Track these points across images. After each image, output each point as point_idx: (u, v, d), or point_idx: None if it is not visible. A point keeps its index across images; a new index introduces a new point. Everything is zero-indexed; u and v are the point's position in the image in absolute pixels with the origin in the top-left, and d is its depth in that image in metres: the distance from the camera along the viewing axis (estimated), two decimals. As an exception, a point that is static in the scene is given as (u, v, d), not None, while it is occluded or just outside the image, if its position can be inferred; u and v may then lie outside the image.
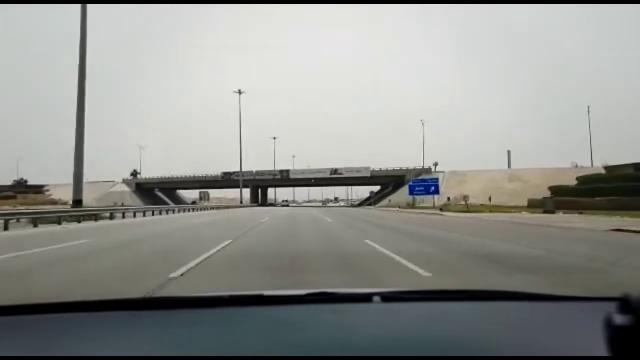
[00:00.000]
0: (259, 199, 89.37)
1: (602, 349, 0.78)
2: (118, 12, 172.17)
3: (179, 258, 7.13)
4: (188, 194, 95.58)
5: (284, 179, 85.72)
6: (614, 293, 1.00)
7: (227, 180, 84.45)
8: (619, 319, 0.74)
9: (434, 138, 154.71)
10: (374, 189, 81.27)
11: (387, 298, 1.43)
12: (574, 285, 5.22)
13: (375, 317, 1.33)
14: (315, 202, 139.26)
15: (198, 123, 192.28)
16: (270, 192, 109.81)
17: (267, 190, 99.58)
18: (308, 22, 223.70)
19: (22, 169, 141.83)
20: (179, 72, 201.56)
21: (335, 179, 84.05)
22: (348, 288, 1.73)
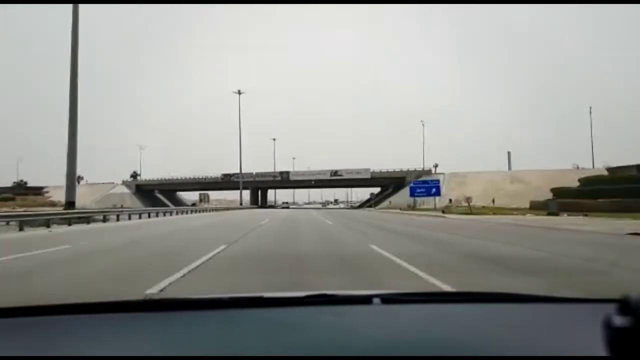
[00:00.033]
0: (259, 201, 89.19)
1: (601, 351, 0.78)
2: (118, 12, 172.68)
3: (163, 268, 6.61)
4: (188, 196, 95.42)
5: (284, 181, 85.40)
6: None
7: (227, 182, 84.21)
8: (619, 321, 0.75)
9: (434, 138, 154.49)
10: (374, 191, 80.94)
11: (387, 300, 1.43)
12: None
13: (375, 319, 1.33)
14: (315, 204, 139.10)
15: (198, 123, 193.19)
16: (270, 193, 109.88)
17: (267, 192, 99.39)
18: (308, 22, 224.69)
19: (22, 170, 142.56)
20: (179, 72, 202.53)
21: (336, 181, 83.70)
22: (348, 290, 1.72)
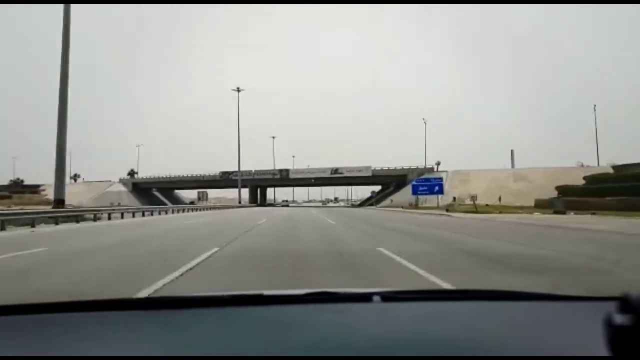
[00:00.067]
0: (258, 199, 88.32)
1: (602, 349, 0.78)
2: (118, 12, 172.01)
3: (139, 279, 5.67)
4: (186, 194, 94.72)
5: (284, 179, 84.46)
6: None
7: (225, 180, 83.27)
8: (619, 319, 0.74)
9: (434, 138, 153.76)
10: (375, 189, 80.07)
11: (387, 298, 1.41)
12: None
13: (375, 316, 1.32)
14: (315, 202, 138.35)
15: (198, 123, 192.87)
16: (270, 192, 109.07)
17: (266, 190, 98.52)
18: (308, 22, 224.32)
19: (20, 169, 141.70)
20: (179, 72, 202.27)
21: (336, 179, 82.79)
22: (348, 288, 1.68)
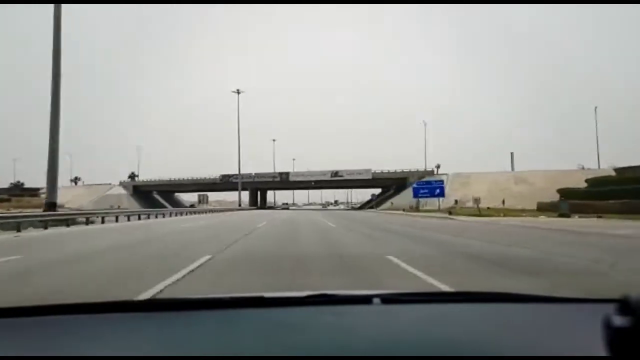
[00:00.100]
0: (258, 202, 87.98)
1: (601, 351, 0.78)
2: (118, 12, 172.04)
3: (112, 296, 4.93)
4: (187, 197, 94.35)
5: (284, 182, 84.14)
6: None
7: (225, 183, 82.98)
8: (618, 321, 0.74)
9: (434, 138, 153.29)
10: (375, 192, 79.70)
11: (387, 300, 1.42)
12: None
13: (375, 319, 1.32)
14: (315, 205, 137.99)
15: (198, 123, 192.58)
16: (270, 195, 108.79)
17: (266, 193, 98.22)
18: (308, 22, 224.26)
19: (21, 171, 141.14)
20: (179, 72, 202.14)
21: (336, 182, 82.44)
22: (348, 290, 1.68)
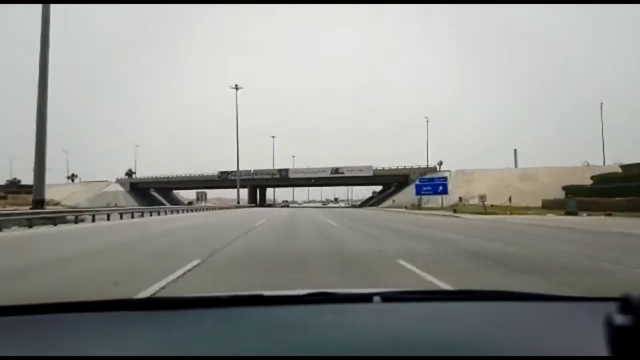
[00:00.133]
0: (257, 200, 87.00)
1: (602, 350, 0.78)
2: (118, 12, 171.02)
3: None
4: (185, 195, 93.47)
5: (283, 179, 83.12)
6: None
7: (224, 180, 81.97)
8: (620, 319, 0.74)
9: (434, 138, 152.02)
10: (376, 189, 78.69)
11: (387, 298, 1.41)
12: None
13: (376, 317, 1.32)
14: (315, 202, 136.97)
15: (198, 123, 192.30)
16: (269, 192, 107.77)
17: (265, 191, 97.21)
18: (308, 22, 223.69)
19: (18, 169, 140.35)
20: (179, 72, 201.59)
21: (337, 179, 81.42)
22: (348, 288, 1.66)
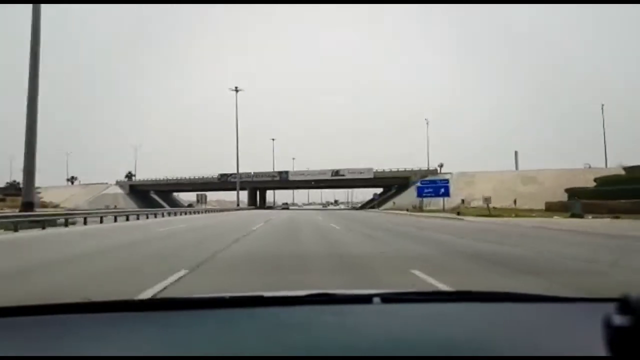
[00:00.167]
0: (257, 202, 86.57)
1: (601, 350, 0.78)
2: (118, 12, 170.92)
3: None
4: (185, 197, 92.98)
5: (283, 181, 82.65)
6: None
7: (224, 182, 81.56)
8: (619, 320, 0.74)
9: (434, 138, 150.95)
10: (377, 191, 78.12)
11: (387, 299, 1.41)
12: None
13: (376, 318, 1.32)
14: (315, 204, 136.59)
15: (198, 124, 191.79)
16: (269, 195, 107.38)
17: (265, 193, 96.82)
18: (308, 22, 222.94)
19: (18, 170, 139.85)
20: (179, 72, 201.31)
21: (337, 181, 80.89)
22: (348, 289, 1.66)
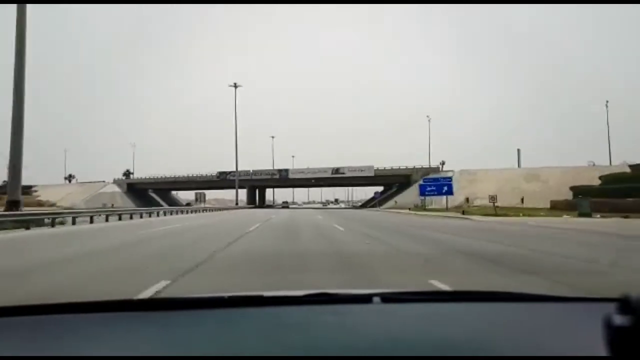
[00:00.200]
0: (257, 201, 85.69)
1: (601, 350, 0.78)
2: (118, 12, 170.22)
3: None
4: (184, 195, 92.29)
5: (283, 179, 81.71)
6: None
7: (223, 181, 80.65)
8: (619, 320, 0.74)
9: (434, 138, 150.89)
10: (378, 190, 77.20)
11: (387, 299, 1.42)
12: None
13: (375, 318, 1.32)
14: (315, 203, 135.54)
15: (198, 123, 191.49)
16: (269, 193, 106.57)
17: (265, 191, 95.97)
18: (308, 22, 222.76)
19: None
20: (179, 72, 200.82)
21: (337, 179, 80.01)
22: (348, 289, 1.68)
